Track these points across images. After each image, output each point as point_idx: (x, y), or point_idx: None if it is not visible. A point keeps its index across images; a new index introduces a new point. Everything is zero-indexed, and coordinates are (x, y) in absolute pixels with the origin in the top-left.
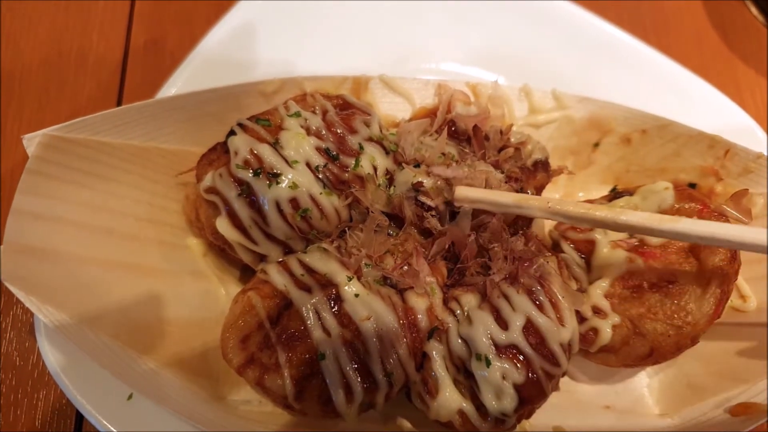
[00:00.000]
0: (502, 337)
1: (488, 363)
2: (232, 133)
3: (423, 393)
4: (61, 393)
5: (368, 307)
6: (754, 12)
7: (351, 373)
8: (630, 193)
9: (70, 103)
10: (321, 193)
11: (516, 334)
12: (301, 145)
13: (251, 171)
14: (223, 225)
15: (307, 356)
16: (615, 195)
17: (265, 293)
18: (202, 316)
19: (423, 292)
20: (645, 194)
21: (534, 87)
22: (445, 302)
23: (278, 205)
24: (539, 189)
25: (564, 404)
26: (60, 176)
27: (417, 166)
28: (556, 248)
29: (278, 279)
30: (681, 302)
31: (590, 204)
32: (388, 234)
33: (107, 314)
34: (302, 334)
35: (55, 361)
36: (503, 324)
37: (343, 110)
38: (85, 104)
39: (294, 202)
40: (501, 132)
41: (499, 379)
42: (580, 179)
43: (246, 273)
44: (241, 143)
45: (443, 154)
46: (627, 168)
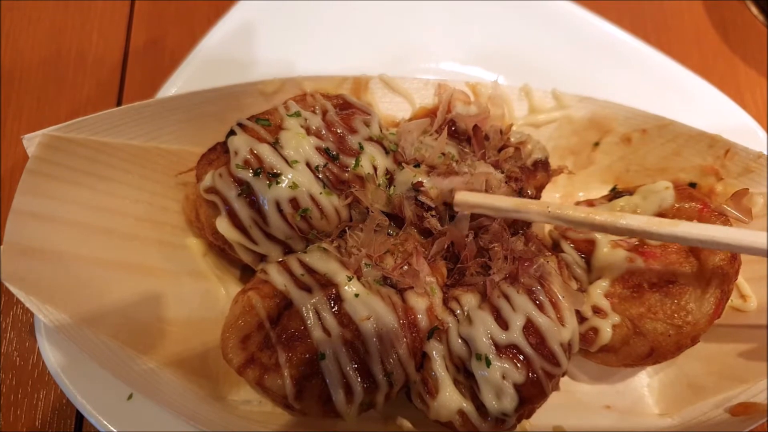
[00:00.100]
0: (503, 336)
1: (488, 363)
2: (231, 132)
3: (423, 393)
4: (61, 393)
5: (368, 306)
6: (754, 12)
7: (351, 373)
8: (630, 193)
9: (69, 102)
10: (321, 193)
11: (516, 334)
12: (301, 145)
13: (251, 171)
14: (223, 225)
15: (307, 356)
16: (615, 194)
17: (265, 293)
18: (201, 316)
19: (423, 292)
20: (645, 194)
21: (534, 87)
22: (445, 302)
23: (278, 204)
24: (539, 189)
25: (564, 404)
26: (60, 176)
27: (417, 165)
28: (556, 248)
29: (278, 279)
30: (681, 302)
31: (590, 208)
32: (388, 234)
33: (107, 314)
34: (302, 334)
35: (55, 361)
36: (503, 324)
37: (343, 110)
38: (84, 104)
39: (294, 201)
40: (501, 132)
41: (499, 378)
42: (580, 179)
43: (246, 273)
44: (241, 143)
45: (443, 153)
46: (627, 167)
